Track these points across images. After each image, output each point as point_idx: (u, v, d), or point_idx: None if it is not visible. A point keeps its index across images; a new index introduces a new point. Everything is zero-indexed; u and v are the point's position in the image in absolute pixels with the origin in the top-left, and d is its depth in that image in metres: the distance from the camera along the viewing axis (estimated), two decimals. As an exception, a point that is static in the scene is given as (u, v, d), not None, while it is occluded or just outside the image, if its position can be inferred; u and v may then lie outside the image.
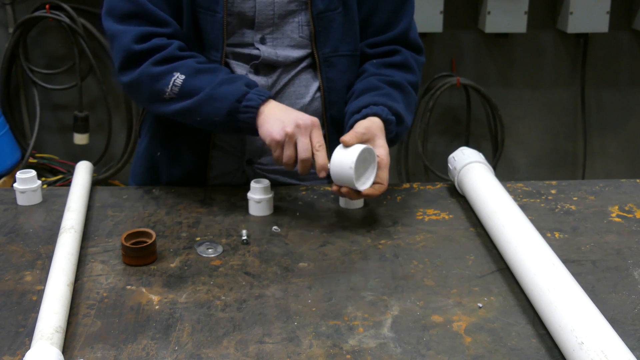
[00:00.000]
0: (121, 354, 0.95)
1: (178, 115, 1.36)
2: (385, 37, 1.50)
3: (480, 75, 3.33)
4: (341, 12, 1.44)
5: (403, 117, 1.41)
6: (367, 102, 1.38)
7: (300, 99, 1.46)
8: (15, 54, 3.17)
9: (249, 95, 1.30)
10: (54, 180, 3.25)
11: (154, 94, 1.35)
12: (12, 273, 1.16)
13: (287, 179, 1.53)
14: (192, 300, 1.08)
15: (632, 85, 3.43)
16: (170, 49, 1.35)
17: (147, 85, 1.35)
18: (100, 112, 3.30)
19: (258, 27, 1.42)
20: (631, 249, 1.24)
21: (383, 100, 1.39)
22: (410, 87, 1.49)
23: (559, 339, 0.93)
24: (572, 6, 3.11)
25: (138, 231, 1.22)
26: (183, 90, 1.33)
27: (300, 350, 0.96)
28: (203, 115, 1.33)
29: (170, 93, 1.33)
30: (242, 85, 1.32)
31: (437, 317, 1.04)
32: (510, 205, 1.25)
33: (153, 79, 1.34)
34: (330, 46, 1.45)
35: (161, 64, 1.34)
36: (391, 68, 1.49)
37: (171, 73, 1.33)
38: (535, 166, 3.54)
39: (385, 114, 1.36)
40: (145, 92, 1.36)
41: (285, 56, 1.44)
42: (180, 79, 1.32)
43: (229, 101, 1.30)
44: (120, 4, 1.37)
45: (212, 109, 1.31)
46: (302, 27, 1.44)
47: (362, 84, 1.46)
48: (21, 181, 1.41)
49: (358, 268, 1.18)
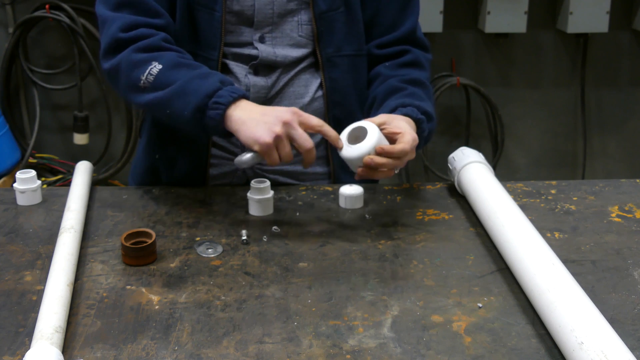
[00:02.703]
0: (121, 354, 0.95)
1: (150, 107, 1.32)
2: (392, 37, 1.50)
3: (480, 75, 3.33)
4: (344, 12, 1.44)
5: (432, 114, 1.40)
6: (395, 105, 1.36)
7: (300, 99, 1.46)
8: (15, 54, 3.17)
9: (221, 92, 1.25)
10: (53, 180, 3.25)
11: (130, 82, 1.32)
12: (12, 273, 1.16)
13: (287, 179, 1.53)
14: (192, 300, 1.08)
15: (632, 85, 3.43)
16: (154, 38, 1.32)
17: (126, 72, 1.32)
18: (100, 112, 3.30)
19: (257, 25, 1.42)
20: (631, 249, 1.24)
21: (410, 101, 1.37)
22: (425, 75, 1.49)
23: (559, 339, 0.93)
24: (572, 6, 3.11)
25: (138, 231, 1.22)
26: (157, 81, 1.29)
27: (300, 350, 0.96)
28: (172, 109, 1.28)
29: (145, 82, 1.29)
30: (216, 81, 1.27)
31: (437, 317, 1.04)
32: (510, 205, 1.25)
33: (132, 65, 1.31)
34: (333, 46, 1.45)
35: (142, 52, 1.31)
36: (405, 67, 1.49)
37: (150, 62, 1.30)
38: (535, 166, 3.54)
39: (415, 114, 1.34)
40: (123, 79, 1.33)
41: (284, 55, 1.44)
42: (157, 69, 1.29)
43: (199, 96, 1.25)
44: None
45: (182, 103, 1.27)
46: (302, 26, 1.44)
47: (383, 88, 1.45)
48: (21, 181, 1.41)
49: (358, 268, 1.18)
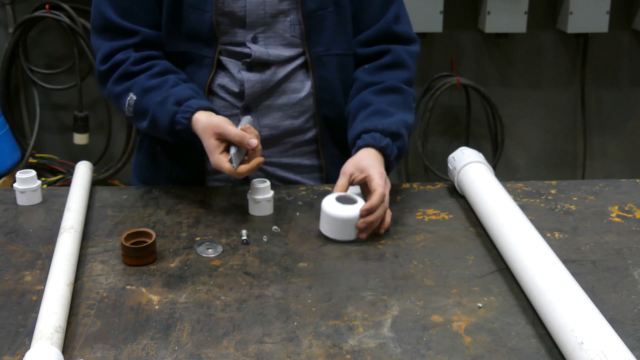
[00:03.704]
0: (121, 354, 0.95)
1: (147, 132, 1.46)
2: (372, 31, 1.50)
3: (480, 75, 3.33)
4: (333, 11, 1.45)
5: (398, 132, 1.40)
6: (360, 130, 1.39)
7: (297, 94, 1.48)
8: (15, 54, 3.17)
9: (177, 116, 1.34)
10: (53, 180, 3.25)
11: (122, 111, 1.44)
12: (12, 273, 1.16)
13: (285, 172, 1.53)
14: (192, 300, 1.08)
15: (632, 85, 3.43)
16: (125, 66, 1.41)
17: (115, 103, 1.45)
18: (100, 112, 3.30)
19: (249, 26, 1.43)
20: (631, 249, 1.24)
21: (374, 124, 1.39)
22: (406, 86, 1.49)
23: (559, 339, 0.93)
24: (572, 6, 3.11)
25: (138, 231, 1.22)
26: (137, 110, 1.40)
27: (300, 350, 0.96)
28: (158, 134, 1.43)
29: (129, 112, 1.41)
30: (172, 104, 1.35)
31: (437, 317, 1.04)
32: (510, 205, 1.25)
33: (116, 98, 1.44)
34: (322, 45, 1.46)
35: (120, 83, 1.42)
36: (383, 71, 1.49)
37: (127, 93, 1.41)
38: (535, 166, 3.54)
39: (377, 141, 1.36)
40: (117, 107, 1.46)
41: (277, 55, 1.44)
42: (133, 100, 1.40)
43: (164, 124, 1.36)
44: (96, 19, 1.45)
45: (159, 131, 1.40)
46: (294, 27, 1.44)
47: (355, 103, 1.47)
48: (21, 181, 1.41)
49: (358, 268, 1.18)
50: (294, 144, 1.51)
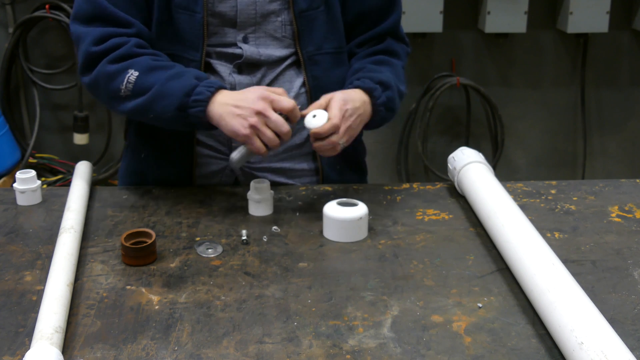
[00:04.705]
0: (121, 354, 0.95)
1: (134, 113, 1.36)
2: (373, 32, 1.52)
3: (480, 75, 3.33)
4: (323, 11, 1.45)
5: (388, 83, 1.43)
6: (350, 81, 1.43)
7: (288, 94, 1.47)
8: (15, 54, 3.17)
9: (198, 88, 1.29)
10: (53, 180, 3.25)
11: (111, 93, 1.35)
12: (12, 273, 1.16)
13: (276, 176, 1.52)
14: (192, 300, 1.08)
15: (632, 85, 3.43)
16: (126, 47, 1.35)
17: (105, 84, 1.35)
18: (100, 112, 3.30)
19: (240, 26, 1.43)
20: (631, 249, 1.24)
21: (364, 75, 1.42)
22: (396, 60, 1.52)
23: (559, 339, 0.93)
24: (572, 6, 3.11)
25: (138, 231, 1.22)
26: (136, 88, 1.32)
27: (300, 351, 0.96)
28: (155, 112, 1.32)
29: (125, 90, 1.33)
30: (192, 78, 1.31)
31: (437, 317, 1.04)
32: (510, 205, 1.25)
33: (109, 77, 1.34)
34: (313, 45, 1.46)
35: (117, 62, 1.34)
36: (376, 54, 1.52)
37: (126, 70, 1.33)
38: (535, 166, 3.54)
39: (366, 84, 1.39)
40: (104, 91, 1.36)
41: (268, 55, 1.44)
42: (134, 76, 1.32)
43: (177, 96, 1.29)
44: (84, 7, 1.38)
45: (163, 105, 1.31)
46: (285, 27, 1.44)
47: (348, 73, 1.50)
48: (21, 181, 1.41)
49: (358, 268, 1.18)
50: (285, 148, 1.50)
